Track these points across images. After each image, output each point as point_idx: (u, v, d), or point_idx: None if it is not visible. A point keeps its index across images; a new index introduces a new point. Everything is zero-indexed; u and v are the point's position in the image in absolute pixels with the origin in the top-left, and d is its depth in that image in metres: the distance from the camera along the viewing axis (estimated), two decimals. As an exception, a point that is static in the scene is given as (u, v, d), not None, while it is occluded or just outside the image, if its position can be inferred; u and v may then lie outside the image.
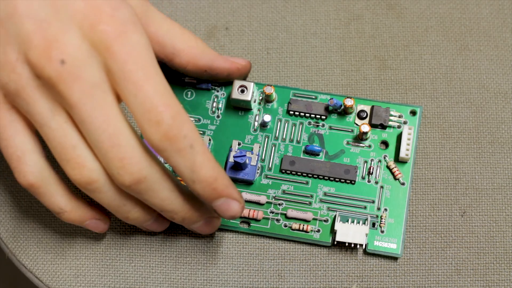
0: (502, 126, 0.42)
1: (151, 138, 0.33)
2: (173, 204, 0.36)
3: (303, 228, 0.40)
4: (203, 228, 0.38)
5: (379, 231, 0.39)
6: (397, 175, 0.40)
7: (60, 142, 0.34)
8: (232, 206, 0.35)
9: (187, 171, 0.34)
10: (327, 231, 0.40)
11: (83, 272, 0.41)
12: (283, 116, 0.42)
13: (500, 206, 0.40)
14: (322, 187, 0.40)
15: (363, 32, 0.44)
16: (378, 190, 0.40)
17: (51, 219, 0.42)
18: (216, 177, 0.34)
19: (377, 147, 0.41)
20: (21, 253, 0.41)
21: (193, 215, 0.37)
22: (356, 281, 0.40)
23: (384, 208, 0.40)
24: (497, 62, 0.43)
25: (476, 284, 0.39)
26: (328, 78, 0.43)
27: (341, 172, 0.40)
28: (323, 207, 0.40)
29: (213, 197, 0.35)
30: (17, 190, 0.42)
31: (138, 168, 0.33)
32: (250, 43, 0.44)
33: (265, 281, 0.40)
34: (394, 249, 0.39)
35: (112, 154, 0.33)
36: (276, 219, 0.40)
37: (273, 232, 0.40)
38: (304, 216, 0.40)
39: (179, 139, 0.33)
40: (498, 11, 0.44)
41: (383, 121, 0.41)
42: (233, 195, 0.35)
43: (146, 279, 0.40)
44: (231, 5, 0.45)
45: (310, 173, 0.40)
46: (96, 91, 0.33)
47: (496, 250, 0.40)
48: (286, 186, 0.40)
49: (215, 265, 0.40)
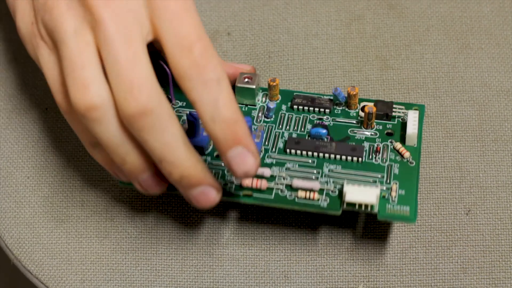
0: (505, 124, 0.42)
1: (181, 63, 0.32)
2: (175, 154, 0.33)
3: (310, 196, 0.37)
4: (199, 198, 0.35)
5: (390, 200, 0.37)
6: (405, 153, 0.39)
7: (73, 60, 0.32)
8: (248, 159, 0.33)
9: (209, 107, 0.32)
10: (336, 200, 0.37)
11: (89, 277, 0.41)
12: (287, 111, 0.41)
13: (505, 204, 0.40)
14: (328, 165, 0.38)
15: (364, 32, 0.44)
16: (386, 168, 0.38)
17: (56, 225, 0.42)
18: (237, 120, 0.32)
19: (383, 135, 0.40)
20: (27, 259, 0.41)
21: (194, 175, 0.34)
22: (363, 281, 0.40)
23: (394, 182, 0.38)
24: (498, 60, 0.43)
25: (482, 282, 0.39)
26: (330, 79, 0.43)
27: (348, 150, 0.38)
28: (330, 181, 0.38)
29: (231, 143, 0.33)
30: (22, 196, 0.42)
31: (147, 98, 0.32)
32: (252, 48, 0.44)
33: (272, 282, 0.40)
34: (407, 215, 0.36)
35: (124, 77, 0.32)
36: (281, 190, 0.38)
37: (277, 202, 0.37)
38: (311, 185, 0.37)
39: (208, 70, 0.32)
40: (499, 9, 0.44)
41: (388, 111, 0.40)
42: (250, 146, 0.33)
43: (153, 282, 0.40)
44: (232, 8, 0.45)
45: (315, 151, 0.38)
46: (128, 16, 0.32)
47: (502, 248, 0.40)
48: (290, 164, 0.39)
49: (221, 267, 0.40)
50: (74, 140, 0.43)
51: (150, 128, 0.32)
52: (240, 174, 0.33)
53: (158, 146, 0.33)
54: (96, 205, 0.42)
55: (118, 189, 0.42)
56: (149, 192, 0.37)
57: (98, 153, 0.36)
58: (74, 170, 0.42)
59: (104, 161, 0.36)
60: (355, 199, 0.36)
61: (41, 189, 0.42)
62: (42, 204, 0.42)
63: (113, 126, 0.33)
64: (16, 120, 0.43)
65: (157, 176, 0.36)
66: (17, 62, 0.45)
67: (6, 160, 0.43)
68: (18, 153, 0.43)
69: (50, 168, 0.42)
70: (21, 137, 0.43)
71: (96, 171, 0.42)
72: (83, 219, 0.41)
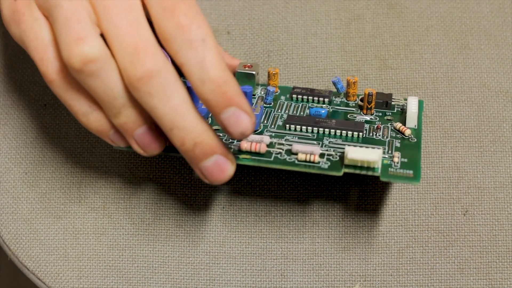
0: (503, 124, 0.42)
1: (164, 25, 0.31)
2: (186, 119, 0.32)
3: (310, 159, 0.36)
4: (213, 170, 0.34)
5: (392, 165, 0.36)
6: (405, 130, 0.38)
7: (67, 17, 0.32)
8: (242, 119, 0.32)
9: (197, 68, 0.31)
10: (337, 163, 0.36)
11: (85, 273, 0.41)
12: (286, 100, 0.41)
13: (502, 205, 0.40)
14: (329, 139, 0.37)
15: (363, 32, 0.44)
16: (388, 142, 0.37)
17: (54, 221, 0.42)
18: (226, 80, 0.31)
19: (383, 119, 0.39)
20: (24, 255, 0.41)
21: (207, 141, 0.33)
22: (359, 281, 0.40)
23: (396, 152, 0.37)
24: (498, 60, 0.43)
25: (479, 282, 0.39)
26: (329, 78, 0.43)
27: (348, 125, 0.37)
28: (330, 150, 0.37)
29: (223, 104, 0.32)
30: (20, 192, 0.42)
31: (153, 60, 0.31)
32: (252, 47, 0.44)
33: (268, 280, 0.40)
34: (410, 176, 0.35)
35: (128, 41, 0.31)
36: (280, 154, 0.36)
37: (277, 163, 0.35)
38: (312, 149, 0.36)
39: (192, 29, 0.31)
40: (499, 10, 0.44)
41: (387, 99, 0.40)
42: (243, 105, 0.32)
43: (149, 279, 0.40)
44: (232, 7, 0.45)
45: (315, 126, 0.38)
46: None
47: (499, 248, 0.40)
48: (290, 137, 0.38)
49: (218, 265, 0.40)
50: (72, 137, 0.43)
51: (158, 92, 0.31)
52: (237, 134, 0.32)
53: (167, 111, 0.32)
54: (93, 201, 0.42)
55: (115, 186, 0.42)
56: (147, 151, 0.35)
57: (92, 118, 0.35)
58: (72, 167, 0.42)
59: (98, 126, 0.35)
60: (357, 157, 0.34)
61: (39, 185, 0.42)
62: (39, 200, 0.42)
63: (111, 78, 0.32)
64: (15, 116, 0.43)
65: (155, 131, 0.35)
66: (16, 58, 0.45)
67: (4, 156, 0.43)
68: (16, 149, 0.43)
69: (48, 164, 0.42)
70: (19, 133, 0.43)
71: (94, 167, 0.42)
72: (80, 215, 0.42)
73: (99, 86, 0.32)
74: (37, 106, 0.44)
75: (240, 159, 0.36)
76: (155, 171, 0.42)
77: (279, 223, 0.41)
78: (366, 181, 0.41)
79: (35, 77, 0.44)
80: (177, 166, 0.42)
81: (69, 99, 0.34)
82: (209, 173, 0.34)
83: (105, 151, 0.42)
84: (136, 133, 0.34)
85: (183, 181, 0.42)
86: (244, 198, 0.41)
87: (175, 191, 0.41)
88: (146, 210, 0.41)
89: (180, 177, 0.42)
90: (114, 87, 0.32)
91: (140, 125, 0.34)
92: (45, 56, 0.33)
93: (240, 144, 0.36)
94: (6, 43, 0.45)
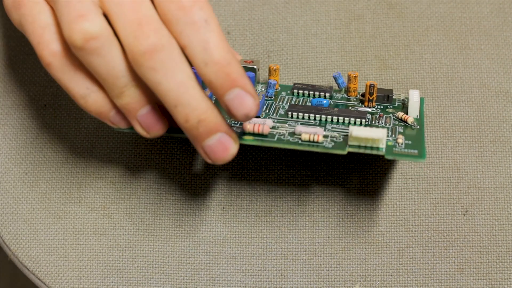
0: (503, 124, 0.42)
1: (167, 7, 0.31)
2: (191, 95, 0.32)
3: (314, 139, 0.35)
4: (216, 148, 0.33)
5: (397, 146, 0.36)
6: (407, 118, 0.38)
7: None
8: (246, 101, 0.32)
9: (200, 49, 0.31)
10: (341, 142, 0.36)
11: (85, 273, 0.41)
12: (287, 95, 0.41)
13: (502, 205, 0.40)
14: (331, 125, 0.37)
15: (363, 32, 0.44)
16: (390, 129, 0.37)
17: (54, 221, 0.42)
18: (230, 62, 0.31)
19: (384, 111, 0.39)
20: (24, 255, 0.41)
21: (212, 118, 0.32)
22: (359, 281, 0.40)
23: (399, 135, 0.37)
24: (498, 61, 0.43)
25: (479, 283, 0.39)
26: (329, 78, 0.43)
27: (350, 112, 0.37)
28: (334, 133, 0.37)
29: (226, 86, 0.31)
30: (20, 192, 0.42)
31: (156, 34, 0.31)
32: (252, 47, 0.44)
33: (268, 281, 0.40)
34: (415, 154, 0.35)
35: (131, 16, 0.31)
36: (284, 135, 0.36)
37: (280, 143, 0.35)
38: (315, 130, 0.36)
39: (194, 10, 0.31)
40: (499, 10, 0.44)
41: (388, 93, 0.40)
42: (247, 86, 0.32)
43: (149, 280, 0.40)
44: (232, 7, 0.45)
45: (317, 113, 0.37)
46: None
47: (499, 248, 0.40)
48: (293, 123, 0.37)
49: (218, 265, 0.40)
50: (73, 137, 0.43)
51: (162, 67, 0.31)
52: (241, 116, 0.32)
53: (172, 87, 0.31)
54: (93, 201, 0.42)
55: (115, 186, 0.42)
56: (150, 132, 0.34)
57: (91, 100, 0.34)
58: (72, 167, 0.42)
59: (98, 108, 0.34)
60: (362, 135, 0.34)
61: (39, 185, 0.42)
62: (39, 200, 0.42)
63: (113, 55, 0.32)
64: (15, 116, 0.43)
65: (158, 111, 0.34)
66: (17, 58, 0.45)
67: (4, 156, 0.43)
68: (16, 149, 0.43)
69: (48, 164, 0.42)
70: (20, 133, 0.43)
71: (94, 167, 0.42)
72: (80, 215, 0.42)
73: (101, 64, 0.32)
74: (37, 106, 0.44)
75: (243, 139, 0.36)
76: (155, 171, 0.42)
77: (279, 223, 0.41)
78: (367, 181, 0.41)
79: (35, 77, 0.44)
80: (177, 166, 0.42)
81: (67, 81, 0.34)
82: (212, 152, 0.33)
83: (105, 151, 0.42)
84: (140, 113, 0.34)
85: (183, 181, 0.42)
86: (244, 198, 0.41)
87: (175, 191, 0.41)
88: (146, 210, 0.41)
89: (180, 177, 0.42)
90: (117, 65, 0.32)
91: (144, 105, 0.33)
92: (42, 38, 0.33)
93: (243, 125, 0.36)
94: (6, 43, 0.45)
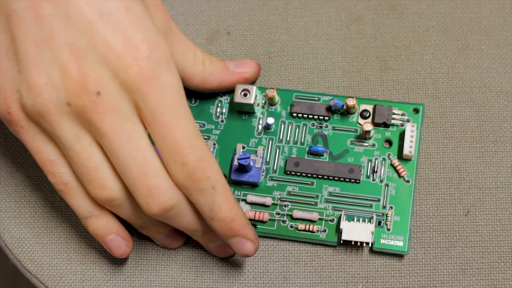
0: (504, 124, 0.42)
1: (176, 177, 0.34)
2: (197, 225, 0.37)
3: (309, 229, 0.40)
4: (218, 250, 0.40)
5: (385, 229, 0.39)
6: (402, 172, 0.40)
7: (84, 164, 0.35)
8: (246, 246, 0.37)
9: (207, 209, 0.35)
10: (333, 230, 0.40)
11: (88, 277, 0.41)
12: (287, 119, 0.42)
13: (504, 205, 0.40)
14: (327, 187, 0.40)
15: (364, 33, 0.44)
16: (383, 188, 0.40)
17: (56, 224, 0.42)
18: (233, 218, 0.36)
19: (381, 146, 0.41)
20: (26, 259, 0.41)
21: (213, 234, 0.38)
22: (362, 282, 0.40)
23: (390, 206, 0.40)
24: (498, 61, 0.43)
25: (481, 283, 0.39)
26: (330, 79, 0.43)
27: (346, 171, 0.40)
28: (328, 207, 0.40)
29: (229, 235, 0.36)
30: (22, 196, 0.42)
31: (167, 198, 0.34)
32: (252, 48, 0.44)
33: (271, 282, 0.40)
34: (400, 246, 0.39)
35: (140, 183, 0.34)
36: (282, 221, 0.40)
37: (279, 234, 0.40)
38: (310, 217, 0.40)
39: (202, 180, 0.34)
40: (499, 10, 0.44)
41: (386, 119, 0.41)
42: (248, 235, 0.37)
43: (152, 282, 0.40)
44: (232, 8, 0.45)
45: (314, 173, 0.40)
46: (126, 123, 0.34)
47: (501, 249, 0.40)
48: (291, 187, 0.41)
49: (220, 268, 0.40)
50: (74, 140, 0.43)
51: (173, 217, 0.35)
52: (241, 255, 0.37)
53: (182, 225, 0.36)
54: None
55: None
56: (167, 247, 0.41)
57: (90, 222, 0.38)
58: (73, 170, 0.42)
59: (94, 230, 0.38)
60: (351, 238, 0.39)
61: (41, 188, 0.42)
62: (42, 204, 0.42)
63: (131, 207, 0.36)
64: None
65: (174, 233, 0.40)
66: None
67: (6, 159, 0.43)
68: (19, 153, 0.43)
69: (50, 168, 0.42)
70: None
71: (96, 171, 0.42)
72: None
73: (122, 211, 0.37)
74: (38, 109, 0.44)
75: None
76: (156, 173, 0.42)
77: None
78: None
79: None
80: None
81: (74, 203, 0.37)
82: (215, 251, 0.40)
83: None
84: (158, 238, 0.40)
85: (185, 183, 0.42)
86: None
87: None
88: (148, 213, 0.41)
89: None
90: (136, 212, 0.37)
91: (161, 233, 0.39)
92: (53, 169, 0.36)
93: (245, 212, 0.40)
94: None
